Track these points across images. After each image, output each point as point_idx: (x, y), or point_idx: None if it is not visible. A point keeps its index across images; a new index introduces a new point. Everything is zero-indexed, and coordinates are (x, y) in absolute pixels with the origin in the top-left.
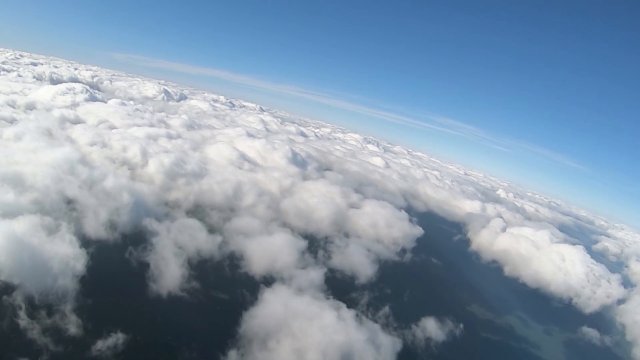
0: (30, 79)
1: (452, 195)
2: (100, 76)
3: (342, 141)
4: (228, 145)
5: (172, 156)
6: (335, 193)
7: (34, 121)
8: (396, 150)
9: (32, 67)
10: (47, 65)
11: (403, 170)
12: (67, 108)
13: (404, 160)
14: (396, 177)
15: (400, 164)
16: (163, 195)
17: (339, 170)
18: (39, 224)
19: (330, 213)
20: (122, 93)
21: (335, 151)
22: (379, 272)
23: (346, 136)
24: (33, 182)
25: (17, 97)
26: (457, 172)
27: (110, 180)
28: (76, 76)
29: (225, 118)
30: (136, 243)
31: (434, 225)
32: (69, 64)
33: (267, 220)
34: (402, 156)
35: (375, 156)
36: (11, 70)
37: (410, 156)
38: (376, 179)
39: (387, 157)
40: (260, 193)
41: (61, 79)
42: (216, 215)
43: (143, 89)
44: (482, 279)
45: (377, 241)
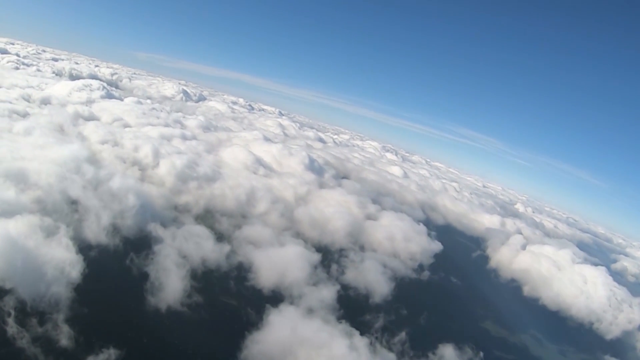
0: (49, 74)
1: (471, 208)
2: (119, 74)
3: (361, 149)
4: (243, 148)
5: (185, 158)
6: (352, 203)
7: (46, 116)
8: (414, 159)
9: (52, 63)
10: (68, 61)
11: (422, 181)
12: (82, 104)
13: (422, 170)
14: (414, 188)
15: (418, 174)
16: (172, 198)
17: (357, 179)
18: (38, 225)
19: (346, 224)
20: (140, 92)
21: (353, 159)
22: (395, 291)
23: (365, 143)
24: (37, 180)
25: (32, 91)
26: (475, 184)
27: (116, 181)
28: (96, 73)
29: (243, 121)
30: (138, 249)
31: (452, 240)
32: (90, 61)
33: (280, 229)
34: (421, 166)
35: (393, 165)
36: (31, 65)
37: (429, 166)
38: (394, 189)
39: (405, 166)
40: (274, 200)
41: (80, 75)
42: (226, 222)
43: (162, 89)
44: (500, 298)
45: (393, 256)
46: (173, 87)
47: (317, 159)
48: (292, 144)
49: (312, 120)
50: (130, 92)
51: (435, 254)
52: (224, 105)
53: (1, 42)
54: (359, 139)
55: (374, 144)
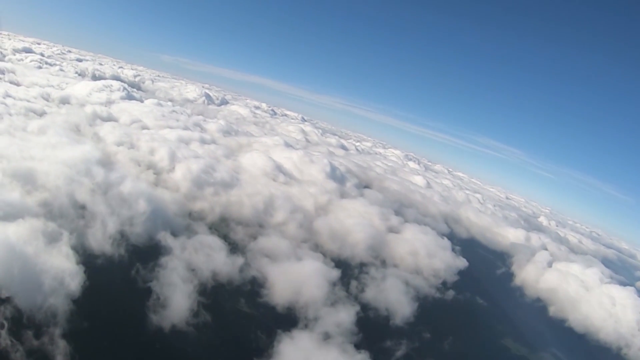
0: (72, 74)
1: (495, 221)
2: (142, 76)
3: (383, 157)
4: (263, 154)
5: (202, 162)
6: (373, 214)
7: (63, 116)
8: (437, 169)
9: (76, 63)
10: (92, 62)
11: (445, 192)
12: (102, 105)
13: (445, 180)
14: (438, 199)
15: (441, 184)
16: (186, 204)
17: (379, 188)
18: (40, 230)
19: (367, 237)
20: (162, 94)
21: (375, 167)
22: (418, 312)
23: (387, 151)
24: (44, 181)
25: (52, 90)
26: (498, 196)
27: (127, 185)
28: (118, 74)
29: (265, 126)
30: (145, 260)
31: (476, 255)
32: (115, 63)
33: (298, 240)
34: (443, 176)
35: (416, 175)
36: (54, 64)
37: (452, 176)
38: (417, 200)
39: (428, 176)
40: (293, 209)
41: (103, 76)
42: (242, 232)
43: (184, 91)
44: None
45: (416, 272)
46: (195, 90)
47: (338, 167)
48: (314, 150)
49: (334, 127)
50: (153, 94)
51: (460, 270)
52: (246, 109)
53: (28, 41)
54: (382, 147)
55: (396, 152)
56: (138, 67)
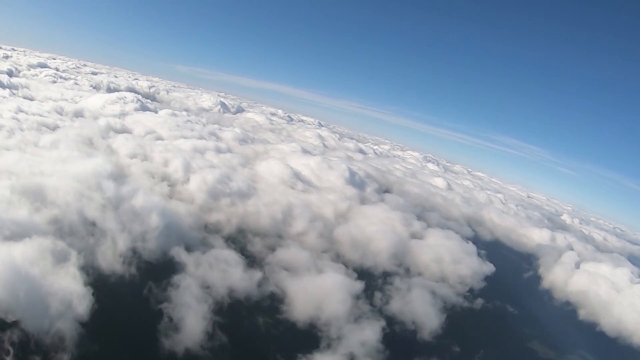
0: (86, 87)
1: (519, 222)
2: (157, 86)
3: (402, 159)
4: (281, 162)
5: (217, 172)
6: (395, 220)
7: (76, 129)
8: (456, 169)
9: (91, 76)
10: (107, 74)
11: (466, 193)
12: (116, 117)
13: (465, 181)
14: (459, 201)
15: (462, 186)
16: (202, 217)
17: (399, 192)
18: (49, 250)
19: (389, 244)
20: (177, 104)
21: (395, 170)
22: (446, 323)
23: (405, 154)
24: (54, 198)
25: (66, 104)
26: (519, 195)
27: (140, 199)
28: (133, 86)
29: (281, 132)
30: (158, 278)
31: (502, 259)
32: (130, 75)
33: (318, 251)
34: (463, 176)
35: (436, 177)
36: (68, 78)
37: (471, 176)
38: (439, 203)
39: (448, 177)
40: (312, 218)
41: (118, 88)
42: (259, 243)
43: (199, 100)
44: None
45: (441, 280)
46: (211, 98)
47: (357, 172)
48: (332, 155)
49: (352, 131)
50: (168, 104)
51: (486, 276)
52: (262, 116)
53: (43, 57)
54: (400, 150)
55: (414, 154)
56: (153, 78)
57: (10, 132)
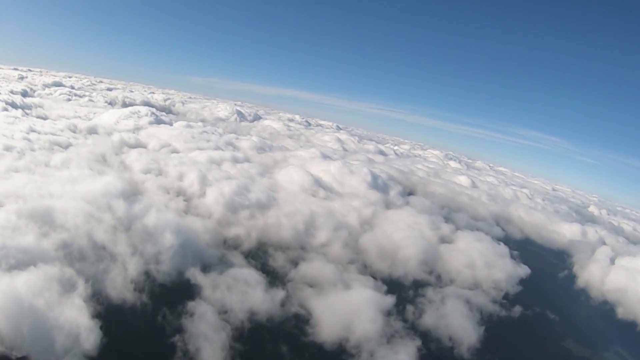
0: (101, 104)
1: (547, 217)
2: (173, 99)
3: (423, 159)
4: (300, 168)
5: (235, 184)
6: (423, 224)
7: (88, 146)
8: (478, 166)
9: (106, 92)
10: (122, 90)
11: (491, 190)
12: (130, 132)
13: (489, 177)
14: (486, 199)
15: (486, 182)
16: (220, 232)
17: (424, 194)
18: (56, 278)
19: (418, 251)
20: (193, 115)
21: (417, 171)
22: (485, 336)
23: (426, 153)
24: (63, 221)
25: (79, 121)
26: (544, 188)
27: (152, 217)
28: (149, 100)
29: (300, 138)
30: (173, 304)
31: (535, 258)
32: (146, 89)
33: (344, 262)
34: (486, 172)
35: (460, 175)
36: (83, 96)
37: (494, 172)
38: (465, 202)
39: (471, 174)
40: (336, 227)
41: (134, 103)
42: (281, 258)
43: (215, 110)
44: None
45: (475, 286)
46: (227, 108)
47: (380, 175)
48: (352, 159)
49: (370, 132)
50: (184, 116)
51: (522, 279)
52: (280, 123)
53: (59, 76)
54: (420, 149)
55: (435, 152)
56: (169, 91)
57: (20, 153)
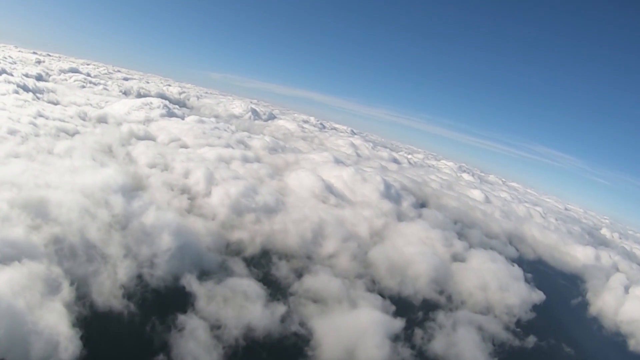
0: (115, 93)
1: (561, 238)
2: (188, 93)
3: (436, 169)
4: (312, 173)
5: (242, 185)
6: (435, 239)
7: (96, 135)
8: (490, 179)
9: (122, 82)
10: (138, 80)
11: (505, 206)
12: (140, 123)
13: (502, 192)
14: (499, 215)
15: (499, 198)
16: (223, 235)
17: (436, 206)
18: (41, 277)
19: (429, 268)
20: (207, 110)
21: (431, 182)
22: None
23: (439, 163)
24: (57, 214)
25: (90, 109)
26: (556, 207)
27: (151, 215)
28: (164, 92)
29: (313, 140)
30: (163, 313)
31: (549, 282)
32: (163, 81)
33: (351, 276)
34: (499, 187)
35: (473, 188)
36: (98, 84)
37: (507, 187)
38: (478, 218)
39: (484, 188)
40: (345, 237)
41: (148, 94)
42: (285, 268)
43: (230, 107)
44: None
45: (487, 310)
46: (241, 105)
47: (393, 184)
48: (366, 165)
49: (384, 139)
50: (198, 111)
51: (535, 304)
52: (294, 124)
53: (77, 62)
54: (433, 159)
55: (449, 163)
56: (186, 84)
57: (24, 138)
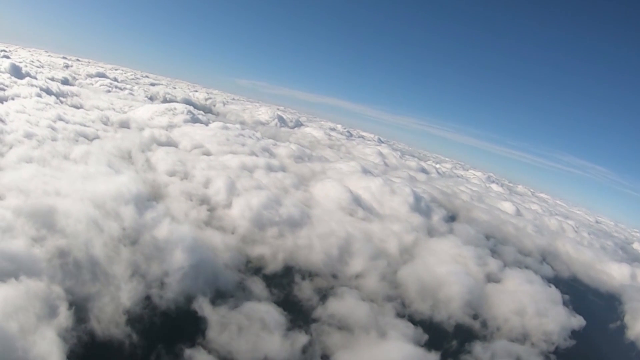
0: (141, 97)
1: (596, 255)
2: (214, 99)
3: (465, 179)
4: (339, 183)
5: (265, 195)
6: (468, 258)
7: (116, 140)
8: (520, 190)
9: (149, 87)
10: (165, 86)
11: (536, 220)
12: (162, 129)
13: (532, 205)
14: (531, 230)
15: (530, 210)
16: (243, 250)
17: (467, 219)
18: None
19: (463, 290)
20: (233, 116)
21: (460, 193)
22: None
23: (467, 173)
24: (64, 225)
25: (112, 113)
26: (587, 220)
27: (165, 229)
28: (190, 98)
29: (340, 148)
30: (170, 341)
31: (586, 303)
32: (190, 87)
33: (380, 299)
34: (528, 198)
35: (503, 200)
36: (124, 88)
37: (536, 198)
38: (510, 233)
39: (515, 200)
40: (374, 254)
41: (174, 99)
42: (309, 288)
43: (256, 113)
44: None
45: (523, 337)
46: (268, 112)
47: (423, 196)
48: (394, 175)
49: (411, 148)
50: (223, 117)
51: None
52: (321, 131)
53: (106, 67)
54: (461, 168)
55: (477, 173)
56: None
57: (40, 142)
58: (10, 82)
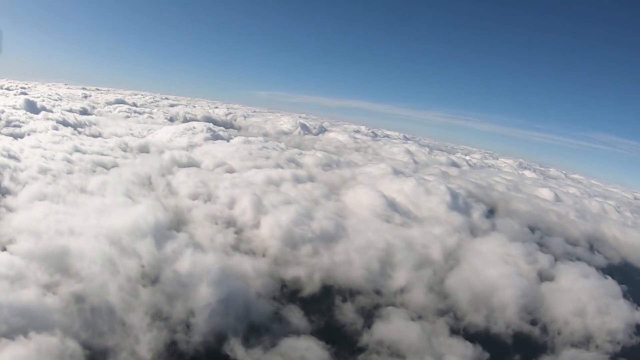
0: (161, 120)
1: None
2: (234, 113)
3: (497, 169)
4: (371, 188)
5: (294, 210)
6: (516, 256)
7: (135, 167)
8: (552, 174)
9: (168, 108)
10: (185, 105)
11: (577, 204)
12: (183, 149)
13: (570, 188)
14: (574, 216)
15: (569, 195)
16: (276, 274)
17: (506, 212)
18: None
19: (517, 293)
20: (255, 129)
21: (496, 184)
22: None
23: (498, 162)
24: (78, 268)
25: (131, 139)
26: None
27: (187, 262)
28: (210, 115)
29: (367, 151)
30: None
31: None
32: (210, 104)
33: (430, 315)
34: (563, 182)
35: (540, 187)
36: (143, 112)
37: (571, 181)
38: (554, 222)
39: (552, 185)
40: (417, 263)
41: (195, 118)
42: (351, 311)
43: (278, 124)
44: None
45: (586, 340)
46: (290, 121)
47: (459, 192)
48: (425, 173)
49: (437, 142)
50: (245, 131)
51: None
52: (345, 135)
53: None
54: (491, 158)
55: (508, 161)
56: (234, 105)
57: (55, 176)
58: (26, 117)
